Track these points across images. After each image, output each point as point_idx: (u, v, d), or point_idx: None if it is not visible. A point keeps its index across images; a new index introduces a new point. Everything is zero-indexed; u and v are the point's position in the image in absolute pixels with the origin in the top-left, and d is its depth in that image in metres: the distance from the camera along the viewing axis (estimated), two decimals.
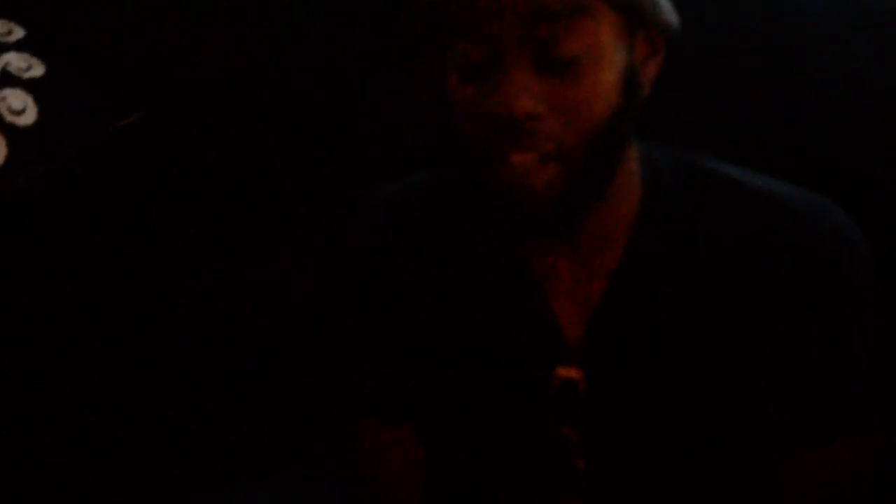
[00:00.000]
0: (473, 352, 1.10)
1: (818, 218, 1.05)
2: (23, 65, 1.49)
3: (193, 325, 1.50)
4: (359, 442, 1.18)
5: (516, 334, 1.09)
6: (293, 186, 1.52)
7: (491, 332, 1.10)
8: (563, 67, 0.98)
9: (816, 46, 1.34)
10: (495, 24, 0.97)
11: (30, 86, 1.48)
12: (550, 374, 1.08)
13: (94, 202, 1.53)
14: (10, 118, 1.46)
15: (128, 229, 1.52)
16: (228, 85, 1.52)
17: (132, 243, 1.52)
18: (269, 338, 1.48)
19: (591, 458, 1.09)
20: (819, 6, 1.35)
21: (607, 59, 0.99)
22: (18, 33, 1.51)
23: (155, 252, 1.52)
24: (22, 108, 1.47)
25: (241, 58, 1.52)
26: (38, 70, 1.49)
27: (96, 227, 1.52)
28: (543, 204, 1.00)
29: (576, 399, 1.08)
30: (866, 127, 1.33)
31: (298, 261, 1.49)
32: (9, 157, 1.45)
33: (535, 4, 0.97)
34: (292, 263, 1.50)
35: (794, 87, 1.35)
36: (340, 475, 1.26)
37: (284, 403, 1.47)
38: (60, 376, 1.49)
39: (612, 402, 1.07)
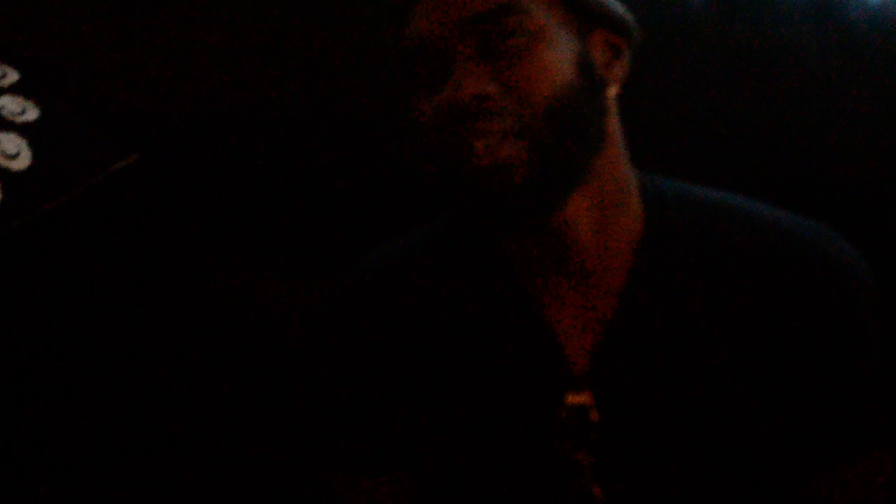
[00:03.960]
0: (479, 388, 1.10)
1: (823, 243, 1.08)
2: (17, 108, 1.48)
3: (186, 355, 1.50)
4: (341, 495, 1.18)
5: (521, 365, 1.09)
6: (289, 221, 1.52)
7: (495, 365, 1.10)
8: (504, 48, 1.02)
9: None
10: (439, 36, 1.02)
11: (24, 130, 1.47)
12: (560, 401, 1.08)
13: (90, 246, 1.52)
14: (4, 163, 1.44)
15: (122, 274, 1.51)
16: (224, 125, 1.51)
17: (126, 287, 1.51)
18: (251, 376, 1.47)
19: (608, 485, 1.08)
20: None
21: (550, 38, 1.03)
22: (13, 77, 1.50)
23: (148, 294, 1.51)
24: (16, 152, 1.45)
25: (235, 97, 1.51)
26: (32, 114, 1.48)
27: (91, 270, 1.51)
28: (515, 182, 1.01)
29: (587, 425, 1.07)
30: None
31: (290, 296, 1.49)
32: (3, 203, 1.44)
33: (471, 11, 1.02)
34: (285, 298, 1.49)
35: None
36: None
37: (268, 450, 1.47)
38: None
39: (625, 426, 1.07)
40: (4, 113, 1.47)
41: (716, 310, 1.06)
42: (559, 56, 1.03)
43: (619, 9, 1.10)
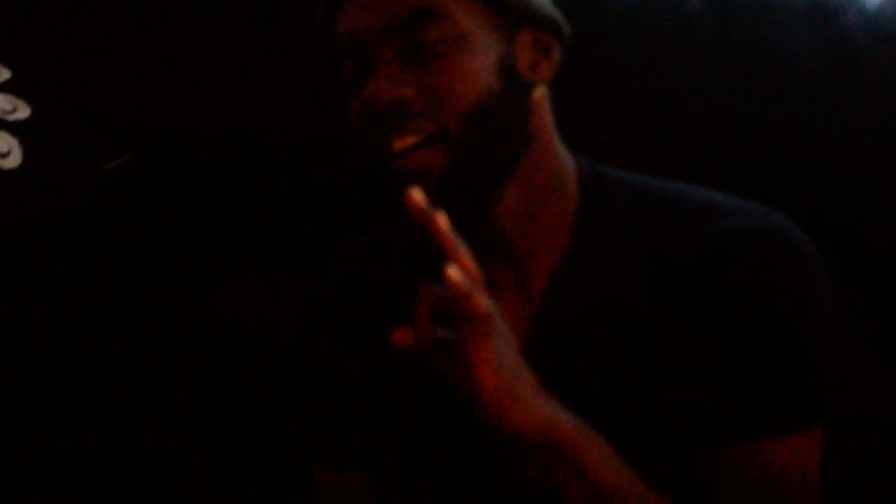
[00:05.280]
0: (419, 373, 1.10)
1: (761, 223, 1.06)
2: (8, 107, 1.47)
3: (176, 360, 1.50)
4: (319, 488, 1.21)
5: None
6: (278, 223, 1.52)
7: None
8: (425, 53, 1.03)
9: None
10: (362, 37, 1.04)
11: (15, 128, 1.47)
12: None
13: (80, 244, 1.52)
14: None
15: (112, 272, 1.51)
16: (215, 125, 1.50)
17: (115, 286, 1.51)
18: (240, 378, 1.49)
19: None
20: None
21: (472, 44, 1.04)
22: (4, 74, 1.50)
23: (137, 293, 1.51)
24: (7, 150, 1.45)
25: (227, 98, 1.50)
26: (23, 112, 1.48)
27: (81, 269, 1.51)
28: (434, 185, 1.03)
29: None
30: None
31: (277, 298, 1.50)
32: None
33: (391, 17, 1.03)
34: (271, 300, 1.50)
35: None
36: None
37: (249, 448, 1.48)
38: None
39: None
40: None
41: (644, 288, 1.07)
42: (480, 62, 1.04)
43: (547, 7, 1.10)
